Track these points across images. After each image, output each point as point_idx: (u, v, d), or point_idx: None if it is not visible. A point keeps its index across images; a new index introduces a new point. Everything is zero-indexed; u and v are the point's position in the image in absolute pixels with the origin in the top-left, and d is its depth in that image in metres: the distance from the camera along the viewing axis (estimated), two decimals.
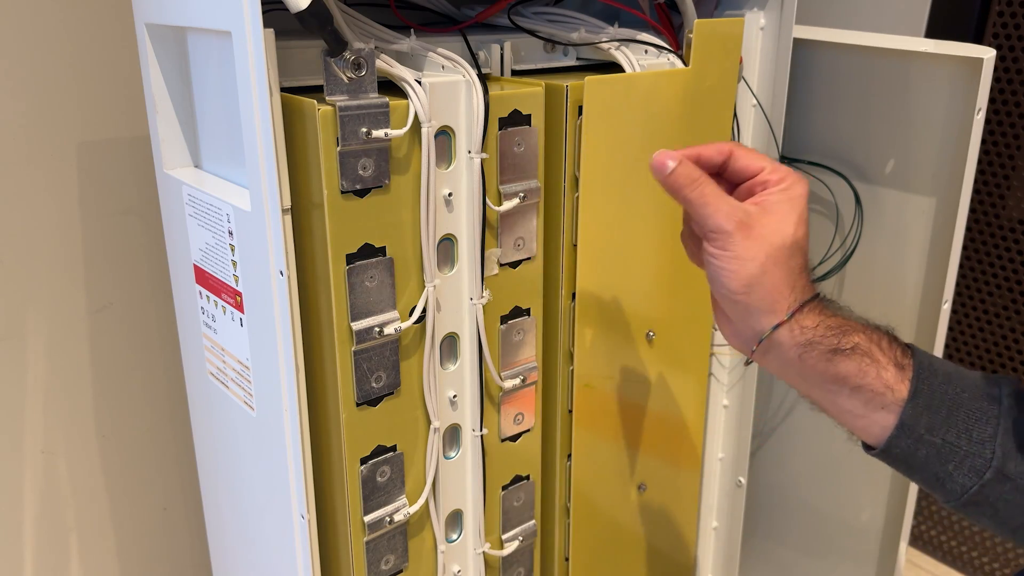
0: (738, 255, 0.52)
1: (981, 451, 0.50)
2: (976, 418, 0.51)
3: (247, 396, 0.66)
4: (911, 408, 0.51)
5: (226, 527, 0.80)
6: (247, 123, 0.54)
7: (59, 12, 0.81)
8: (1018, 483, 0.50)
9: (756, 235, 0.52)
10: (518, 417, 0.71)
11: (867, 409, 0.52)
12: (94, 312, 0.90)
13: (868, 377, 0.51)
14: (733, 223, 0.52)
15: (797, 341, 0.52)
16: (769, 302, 0.52)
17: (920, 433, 0.51)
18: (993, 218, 1.18)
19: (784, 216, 0.53)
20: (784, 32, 0.78)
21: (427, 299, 0.62)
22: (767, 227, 0.52)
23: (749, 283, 0.52)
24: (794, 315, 0.52)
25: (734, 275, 0.52)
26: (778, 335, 0.52)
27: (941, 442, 0.51)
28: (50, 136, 0.83)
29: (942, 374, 0.52)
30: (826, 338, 0.52)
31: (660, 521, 0.86)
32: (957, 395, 0.51)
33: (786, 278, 0.52)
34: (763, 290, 0.52)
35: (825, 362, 0.52)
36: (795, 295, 0.52)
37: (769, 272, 0.52)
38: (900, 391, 0.51)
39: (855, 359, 0.51)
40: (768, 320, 0.52)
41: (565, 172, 0.67)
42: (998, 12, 1.10)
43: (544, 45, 0.72)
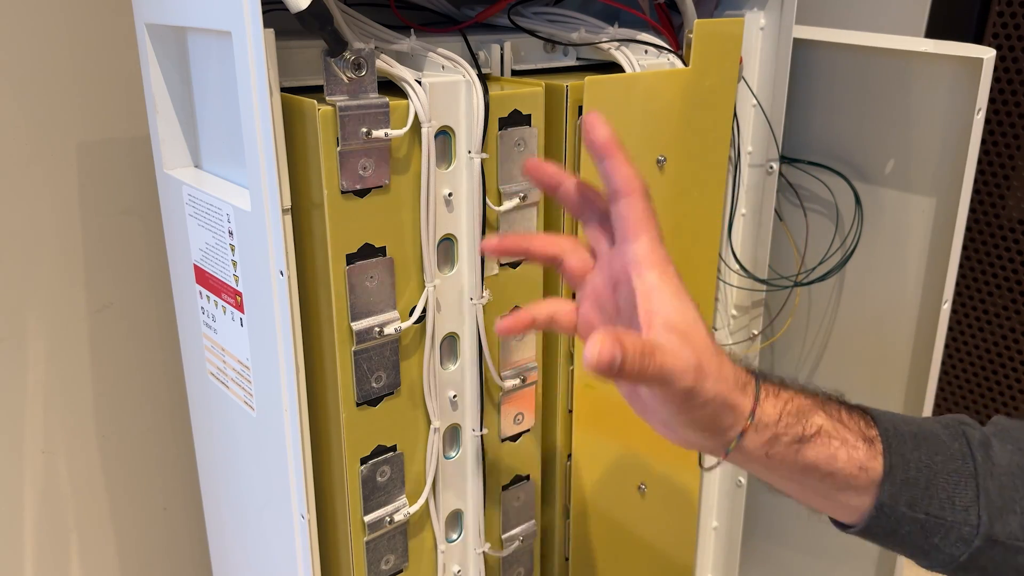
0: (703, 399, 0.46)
1: (967, 519, 0.48)
2: (955, 483, 0.48)
3: (247, 396, 0.66)
4: (888, 487, 0.48)
5: (226, 527, 0.80)
6: (247, 123, 0.54)
7: (59, 12, 0.81)
8: (1008, 544, 0.48)
9: (706, 370, 0.45)
10: (518, 417, 0.71)
11: (841, 493, 0.49)
12: (94, 312, 0.90)
13: (839, 462, 0.48)
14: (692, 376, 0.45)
15: (762, 439, 0.48)
16: (732, 415, 0.47)
17: (902, 511, 0.48)
18: (993, 218, 1.18)
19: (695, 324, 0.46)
20: (784, 32, 0.78)
21: (427, 299, 0.62)
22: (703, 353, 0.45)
23: (715, 414, 0.46)
24: (754, 414, 0.47)
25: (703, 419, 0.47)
26: (743, 442, 0.48)
27: (924, 517, 0.49)
28: (50, 136, 0.83)
29: (909, 437, 0.49)
30: (789, 427, 0.47)
31: (660, 521, 0.86)
32: (931, 461, 0.49)
33: (735, 385, 0.47)
34: (726, 411, 0.46)
35: (793, 454, 0.48)
36: (747, 394, 0.47)
37: (724, 394, 0.46)
38: (873, 470, 0.48)
39: (821, 444, 0.48)
40: (733, 432, 0.47)
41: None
42: (998, 12, 1.11)
43: (544, 45, 0.72)
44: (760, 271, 0.87)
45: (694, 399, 0.45)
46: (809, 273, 0.88)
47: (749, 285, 0.88)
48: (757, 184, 0.85)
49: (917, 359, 0.83)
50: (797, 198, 0.88)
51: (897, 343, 0.84)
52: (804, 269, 0.88)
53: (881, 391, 0.86)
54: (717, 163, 0.77)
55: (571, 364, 0.72)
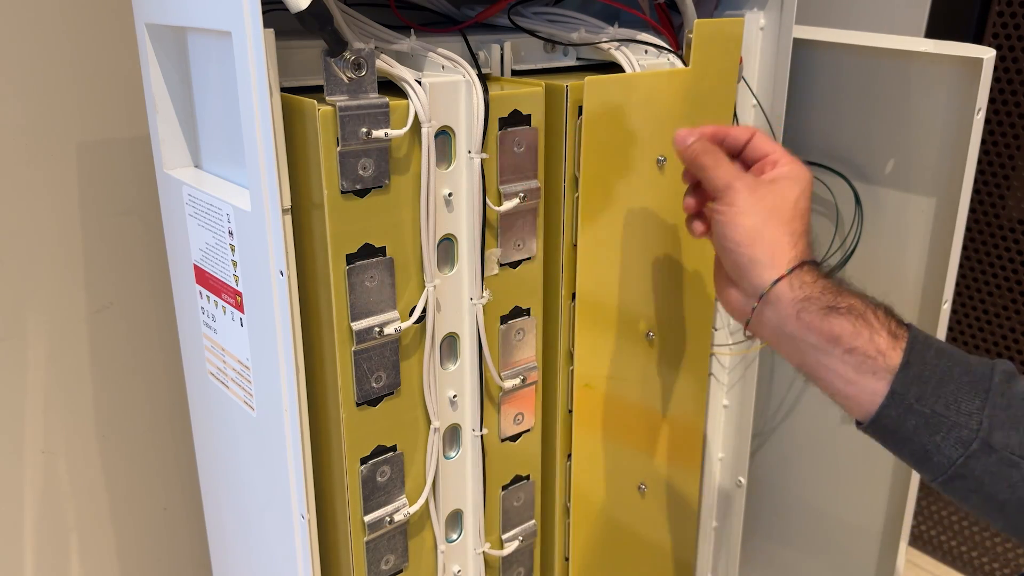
0: (742, 209, 0.57)
1: (968, 422, 0.51)
2: (965, 390, 0.51)
3: (247, 396, 0.66)
4: (902, 377, 0.52)
5: (226, 527, 0.80)
6: (247, 123, 0.54)
7: (59, 12, 0.81)
8: (1003, 455, 0.50)
9: (760, 194, 0.57)
10: (518, 417, 0.71)
11: (858, 374, 0.53)
12: (94, 312, 0.90)
13: (861, 339, 0.52)
14: (740, 182, 0.58)
15: (796, 296, 0.54)
16: (770, 255, 0.56)
17: (910, 402, 0.52)
18: (993, 218, 1.18)
19: (788, 186, 0.58)
20: (784, 32, 0.78)
21: (427, 299, 0.62)
22: (771, 191, 0.58)
23: (751, 234, 0.56)
24: (794, 270, 0.55)
25: (738, 227, 0.57)
26: (778, 289, 0.55)
27: (930, 412, 0.51)
28: (50, 136, 0.83)
29: (935, 348, 0.53)
30: (824, 295, 0.54)
31: (660, 521, 0.86)
32: (948, 368, 0.52)
33: (787, 235, 0.56)
34: (764, 243, 0.56)
35: (821, 319, 0.53)
36: (795, 252, 0.56)
37: (770, 226, 0.56)
38: (892, 358, 0.52)
39: (850, 319, 0.53)
40: (769, 274, 0.55)
41: (565, 172, 0.67)
42: (998, 12, 1.10)
43: (544, 45, 0.72)
44: None
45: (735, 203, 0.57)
46: None
47: None
48: None
49: None
50: None
51: None
52: None
53: None
54: None
55: (571, 364, 0.72)
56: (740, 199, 0.57)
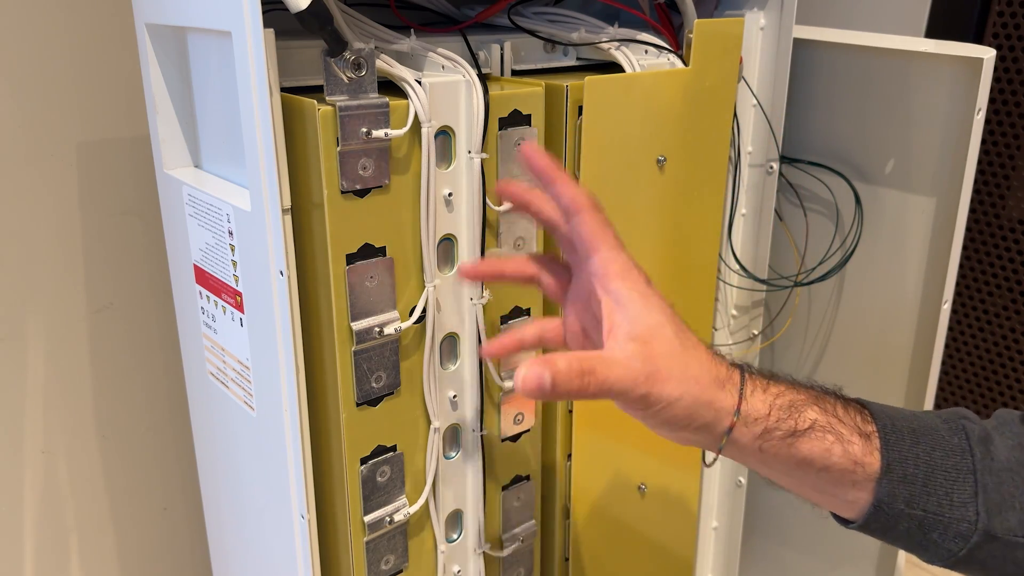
0: (665, 404, 0.47)
1: (964, 515, 0.48)
2: (953, 479, 0.49)
3: (247, 396, 0.66)
4: (887, 484, 0.48)
5: (226, 527, 0.80)
6: (247, 123, 0.54)
7: (59, 12, 0.81)
8: (1005, 540, 0.48)
9: (664, 375, 0.46)
10: (518, 417, 0.71)
11: (837, 488, 0.49)
12: (94, 312, 0.90)
13: (834, 456, 0.48)
14: (643, 383, 0.46)
15: (753, 433, 0.48)
16: (713, 414, 0.48)
17: (899, 508, 0.49)
18: (993, 218, 1.18)
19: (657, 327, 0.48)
20: (784, 32, 0.78)
21: (427, 299, 0.62)
22: (664, 355, 0.47)
23: (688, 415, 0.47)
24: (740, 410, 0.48)
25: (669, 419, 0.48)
26: (734, 435, 0.48)
27: (923, 514, 0.49)
28: (50, 136, 0.83)
29: (907, 432, 0.50)
30: (781, 422, 0.48)
31: (660, 521, 0.86)
32: (929, 457, 0.49)
33: (712, 382, 0.48)
34: (703, 410, 0.47)
35: (787, 448, 0.48)
36: (727, 390, 0.48)
37: (696, 393, 0.47)
38: (871, 464, 0.49)
39: (816, 438, 0.48)
40: (719, 429, 0.48)
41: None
42: (998, 12, 1.11)
43: (544, 45, 0.72)
44: (760, 271, 0.87)
45: (654, 404, 0.46)
46: (809, 273, 0.88)
47: (749, 285, 0.88)
48: (757, 184, 0.85)
49: (917, 359, 0.83)
50: (797, 198, 0.88)
51: (897, 343, 0.84)
52: (804, 269, 0.88)
53: (881, 391, 0.86)
54: (717, 163, 0.77)
55: None
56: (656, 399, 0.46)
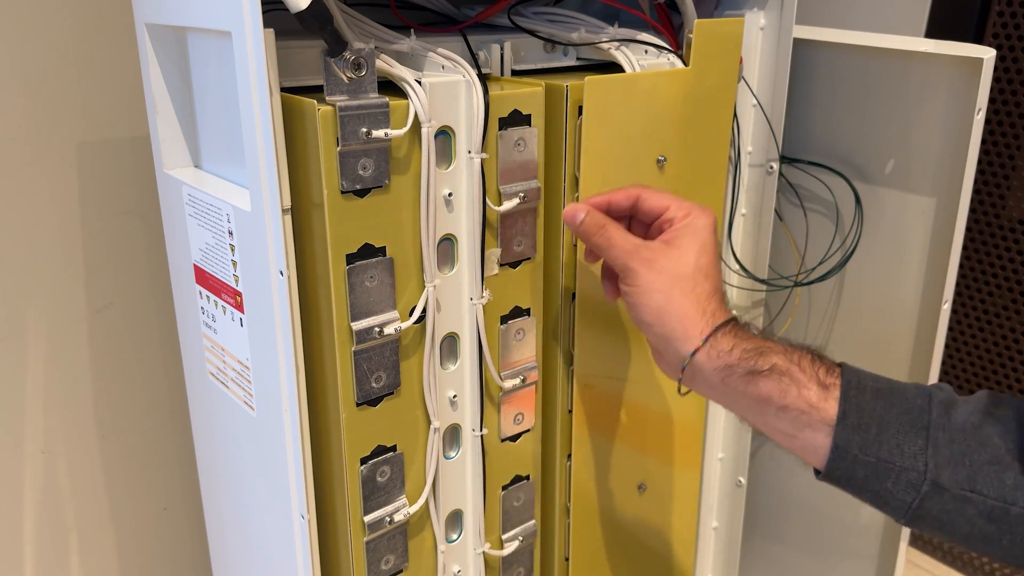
0: (644, 288, 0.57)
1: (914, 464, 0.51)
2: (905, 432, 0.51)
3: (247, 396, 0.66)
4: (841, 429, 0.51)
5: (226, 527, 0.80)
6: (247, 123, 0.54)
7: (59, 12, 0.81)
8: (955, 492, 0.50)
9: (658, 268, 0.56)
10: (518, 417, 0.71)
11: (796, 428, 0.53)
12: (94, 312, 0.90)
13: (790, 397, 0.52)
14: (637, 260, 0.57)
15: (716, 365, 0.54)
16: (682, 329, 0.55)
17: (854, 453, 0.51)
18: (993, 218, 1.18)
19: (685, 247, 0.57)
20: (784, 32, 0.78)
21: (427, 299, 0.62)
22: (669, 259, 0.57)
23: (659, 312, 0.56)
24: (708, 340, 0.54)
25: (644, 307, 0.57)
26: (697, 360, 0.55)
27: (875, 460, 0.51)
28: (50, 136, 0.83)
29: (871, 390, 0.53)
30: (743, 360, 0.53)
31: (660, 521, 0.86)
32: (886, 411, 0.52)
33: (694, 305, 0.55)
34: (673, 318, 0.56)
35: (745, 384, 0.53)
36: (706, 320, 0.55)
37: (675, 300, 0.56)
38: (827, 410, 0.52)
39: (774, 379, 0.53)
40: (685, 347, 0.55)
41: (565, 172, 0.67)
42: (998, 12, 1.11)
43: (544, 45, 0.72)
44: (760, 271, 0.87)
45: (632, 283, 0.57)
46: (809, 273, 0.88)
47: (749, 285, 0.88)
48: (757, 184, 0.85)
49: (917, 359, 0.83)
50: (797, 198, 0.88)
51: (897, 343, 0.84)
52: (804, 269, 0.88)
53: None
54: (717, 163, 0.77)
55: (571, 364, 0.72)
56: (640, 278, 0.57)
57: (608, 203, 0.62)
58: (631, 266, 0.57)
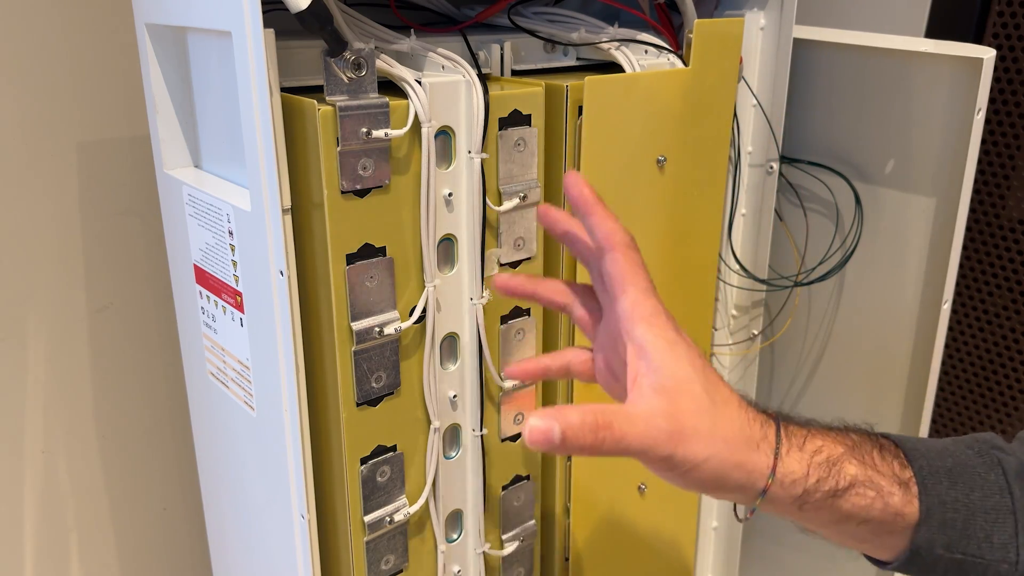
0: (692, 465, 0.45)
1: (1005, 556, 0.48)
2: (993, 520, 0.48)
3: (247, 396, 0.66)
4: (925, 531, 0.48)
5: (226, 527, 0.80)
6: (247, 123, 0.54)
7: (59, 12, 0.81)
8: None
9: (690, 433, 0.44)
10: (518, 417, 0.71)
11: (876, 536, 0.49)
12: (94, 312, 0.90)
13: (875, 510, 0.47)
14: (664, 443, 0.44)
15: (791, 494, 0.46)
16: (745, 476, 0.46)
17: (939, 553, 0.48)
18: (993, 218, 1.18)
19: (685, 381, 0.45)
20: (784, 32, 0.78)
21: (427, 299, 0.62)
22: (689, 413, 0.45)
23: (717, 478, 0.45)
24: (776, 471, 0.46)
25: (701, 482, 0.46)
26: (771, 495, 0.46)
27: (962, 557, 0.48)
28: (50, 136, 0.83)
29: (944, 474, 0.48)
30: (821, 483, 0.47)
31: (660, 521, 0.86)
32: (968, 499, 0.48)
33: (743, 443, 0.46)
34: (734, 472, 0.45)
35: (828, 508, 0.47)
36: (762, 449, 0.46)
37: (725, 454, 0.45)
38: (910, 514, 0.48)
39: (857, 494, 0.47)
40: (754, 490, 0.46)
41: (565, 172, 0.67)
42: (998, 12, 1.11)
43: (544, 45, 0.72)
44: (760, 271, 0.87)
45: (680, 466, 0.44)
46: (809, 273, 0.88)
47: (749, 285, 0.88)
48: (757, 184, 0.85)
49: (917, 359, 0.83)
50: (797, 198, 0.88)
51: (897, 343, 0.84)
52: (804, 269, 0.88)
53: (881, 391, 0.86)
54: (717, 163, 0.77)
55: None
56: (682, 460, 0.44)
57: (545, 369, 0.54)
58: (664, 454, 0.44)
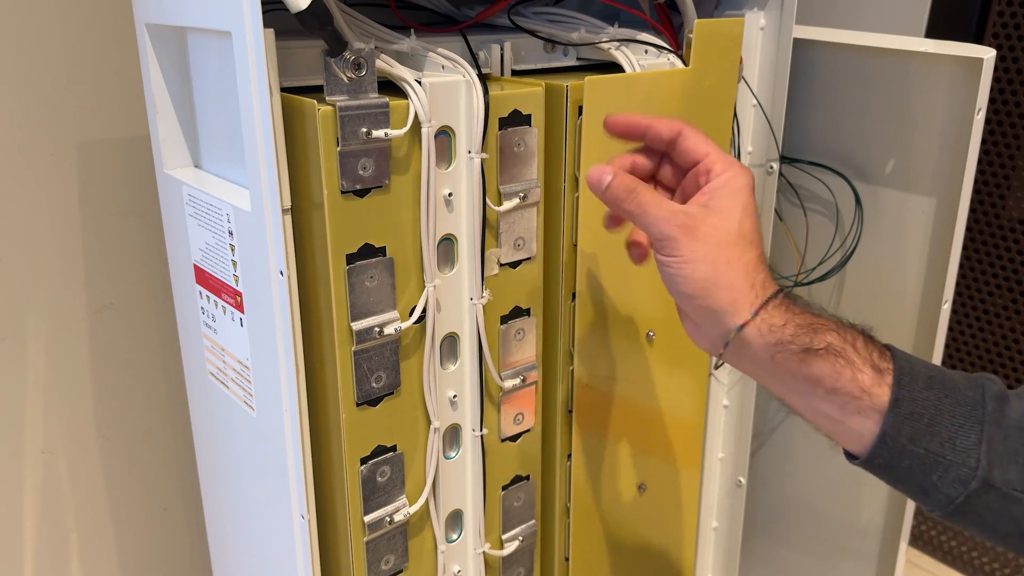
0: (687, 258, 0.51)
1: (966, 460, 0.49)
2: (959, 425, 0.49)
3: (247, 396, 0.66)
4: (892, 417, 0.49)
5: (226, 527, 0.80)
6: (247, 123, 0.54)
7: (59, 12, 0.81)
8: (1004, 491, 0.48)
9: (702, 236, 0.51)
10: (518, 417, 0.71)
11: (844, 414, 0.50)
12: (94, 312, 0.90)
13: (843, 379, 0.49)
14: (676, 228, 0.51)
15: (767, 341, 0.50)
16: (730, 302, 0.51)
17: (903, 443, 0.49)
18: (993, 218, 1.18)
19: (727, 211, 0.52)
20: (784, 32, 0.78)
21: (427, 299, 0.62)
22: (711, 226, 0.51)
23: (704, 285, 0.51)
24: (759, 313, 0.50)
25: (688, 279, 0.51)
26: (746, 335, 0.51)
27: (924, 452, 0.49)
28: (50, 136, 0.83)
29: (923, 378, 0.50)
30: (797, 337, 0.50)
31: (660, 521, 0.86)
32: (939, 401, 0.49)
33: (743, 275, 0.51)
34: (721, 290, 0.51)
35: (798, 362, 0.50)
36: (755, 291, 0.51)
37: (723, 271, 0.51)
38: (879, 396, 0.49)
39: (828, 359, 0.49)
40: (732, 320, 0.51)
41: (565, 172, 0.67)
42: (998, 12, 1.11)
43: (544, 45, 0.72)
44: None
45: (675, 252, 0.51)
46: (809, 273, 0.88)
47: None
48: (757, 184, 0.85)
49: None
50: (797, 198, 0.88)
51: (897, 343, 0.83)
52: (804, 269, 0.88)
53: None
54: None
55: (571, 364, 0.72)
56: (681, 247, 0.51)
57: (649, 125, 0.56)
58: (670, 234, 0.51)
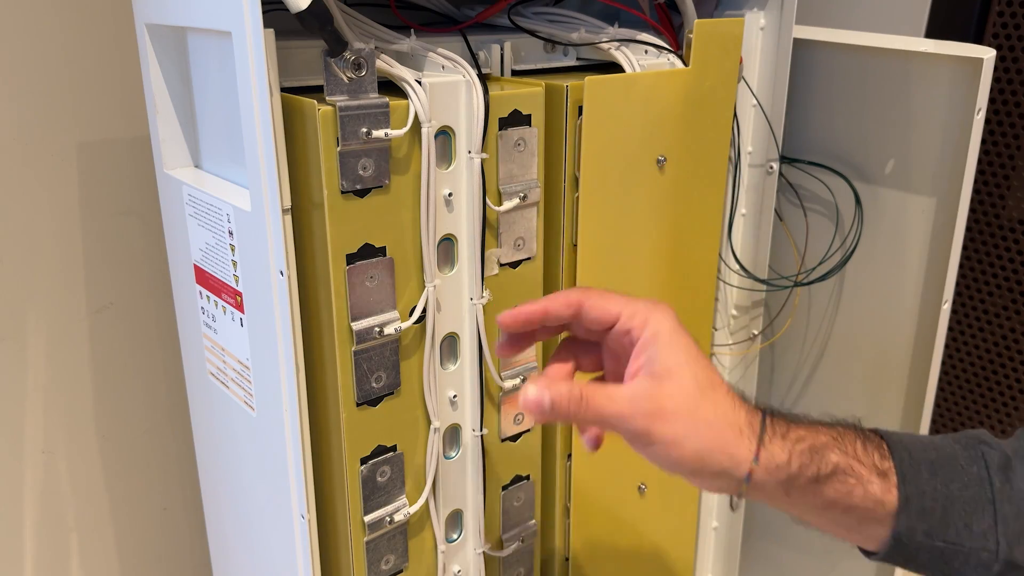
0: (668, 443, 0.48)
1: (984, 544, 0.49)
2: (971, 511, 0.49)
3: (247, 396, 0.66)
4: (904, 519, 0.49)
5: (226, 527, 0.80)
6: (247, 123, 0.54)
7: (59, 12, 0.81)
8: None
9: (670, 414, 0.48)
10: (518, 417, 0.71)
11: (862, 525, 0.50)
12: (94, 312, 0.90)
13: (855, 497, 0.49)
14: (643, 419, 0.48)
15: (777, 479, 0.49)
16: (727, 458, 0.48)
17: (919, 540, 0.49)
18: (993, 218, 1.18)
19: (676, 369, 0.49)
20: (784, 32, 0.78)
21: (427, 299, 0.62)
22: (672, 397, 0.48)
23: (697, 457, 0.48)
24: (759, 456, 0.48)
25: (679, 461, 0.48)
26: (755, 480, 0.49)
27: (943, 544, 0.49)
28: (50, 137, 0.83)
29: (925, 465, 0.50)
30: (804, 468, 0.48)
31: (660, 521, 0.86)
32: (947, 489, 0.49)
33: (726, 426, 0.48)
34: (715, 453, 0.48)
35: (812, 494, 0.49)
36: (745, 435, 0.49)
37: (707, 436, 0.48)
38: (890, 503, 0.49)
39: (839, 480, 0.49)
40: (737, 473, 0.48)
41: (565, 172, 0.67)
42: (998, 12, 1.10)
43: (544, 45, 0.72)
44: (760, 271, 0.87)
45: (657, 441, 0.48)
46: (809, 273, 0.88)
47: (749, 285, 0.88)
48: (757, 184, 0.85)
49: (917, 359, 0.83)
50: (797, 198, 0.88)
51: (897, 343, 0.84)
52: (804, 269, 0.88)
53: (881, 392, 0.86)
54: (717, 163, 0.78)
55: None
56: (657, 435, 0.48)
57: (544, 311, 0.52)
58: (641, 428, 0.48)
